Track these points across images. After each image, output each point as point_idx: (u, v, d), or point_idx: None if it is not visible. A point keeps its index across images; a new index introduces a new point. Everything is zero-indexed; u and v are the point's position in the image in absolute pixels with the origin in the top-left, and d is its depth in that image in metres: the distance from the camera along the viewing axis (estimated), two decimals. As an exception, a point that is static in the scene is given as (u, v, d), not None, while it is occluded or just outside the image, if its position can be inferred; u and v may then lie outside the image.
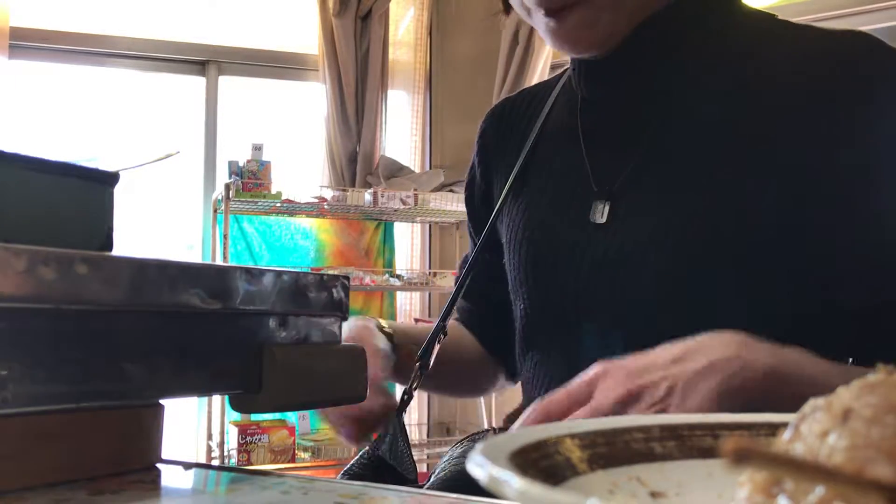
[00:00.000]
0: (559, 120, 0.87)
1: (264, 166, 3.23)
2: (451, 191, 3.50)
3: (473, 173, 0.98)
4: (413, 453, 0.82)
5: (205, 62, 3.63)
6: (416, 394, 0.87)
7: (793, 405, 0.57)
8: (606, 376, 0.57)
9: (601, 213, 0.77)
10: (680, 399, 0.54)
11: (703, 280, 0.71)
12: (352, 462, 0.84)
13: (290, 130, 3.81)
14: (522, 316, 0.84)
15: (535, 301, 0.82)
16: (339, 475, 0.81)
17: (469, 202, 1.00)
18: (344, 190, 3.47)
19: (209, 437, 3.17)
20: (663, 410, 0.54)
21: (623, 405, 0.55)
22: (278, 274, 0.54)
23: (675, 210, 0.73)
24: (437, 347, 0.88)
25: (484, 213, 0.94)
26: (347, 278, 0.61)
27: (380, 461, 0.82)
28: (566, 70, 0.90)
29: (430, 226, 3.83)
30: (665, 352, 0.57)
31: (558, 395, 0.58)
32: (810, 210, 0.69)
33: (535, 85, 0.99)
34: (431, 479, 0.79)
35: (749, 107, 0.73)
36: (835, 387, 0.62)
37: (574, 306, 0.77)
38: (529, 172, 0.87)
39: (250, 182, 3.19)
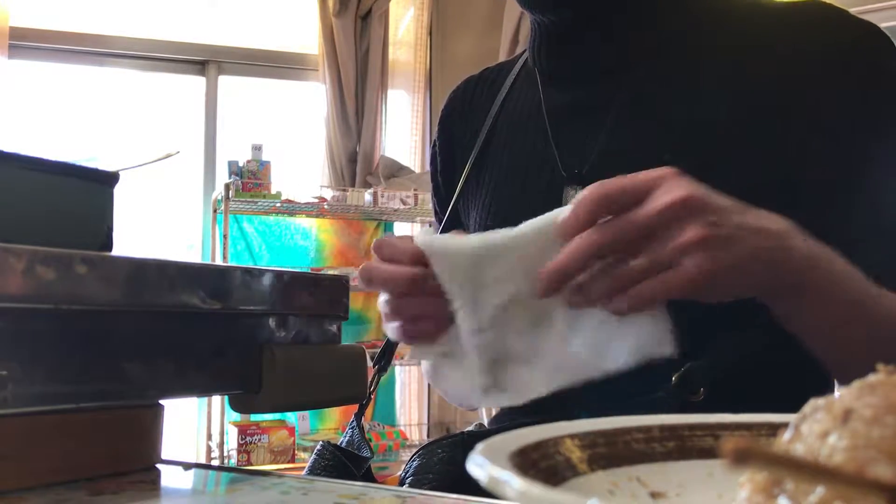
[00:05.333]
0: (520, 101, 0.85)
1: (264, 166, 3.23)
2: (451, 191, 3.50)
3: (435, 150, 0.95)
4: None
5: (205, 62, 3.64)
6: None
7: (817, 295, 0.58)
8: (673, 180, 0.54)
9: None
10: (724, 243, 0.52)
11: None
12: (312, 460, 0.78)
13: (290, 130, 3.81)
14: None
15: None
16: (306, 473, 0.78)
17: (433, 177, 0.97)
18: (344, 190, 3.47)
19: (209, 437, 3.17)
20: (707, 241, 0.52)
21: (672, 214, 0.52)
22: (278, 274, 0.54)
23: None
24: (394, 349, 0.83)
25: (446, 194, 0.92)
26: (347, 278, 0.61)
27: (338, 455, 0.76)
28: (524, 52, 0.87)
29: (429, 226, 3.83)
30: (729, 201, 0.56)
31: (615, 183, 0.53)
32: (778, 181, 0.69)
33: (498, 64, 0.96)
34: (409, 481, 0.70)
35: (719, 80, 0.71)
36: (856, 288, 0.61)
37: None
38: (490, 157, 0.85)
39: (250, 182, 3.19)
